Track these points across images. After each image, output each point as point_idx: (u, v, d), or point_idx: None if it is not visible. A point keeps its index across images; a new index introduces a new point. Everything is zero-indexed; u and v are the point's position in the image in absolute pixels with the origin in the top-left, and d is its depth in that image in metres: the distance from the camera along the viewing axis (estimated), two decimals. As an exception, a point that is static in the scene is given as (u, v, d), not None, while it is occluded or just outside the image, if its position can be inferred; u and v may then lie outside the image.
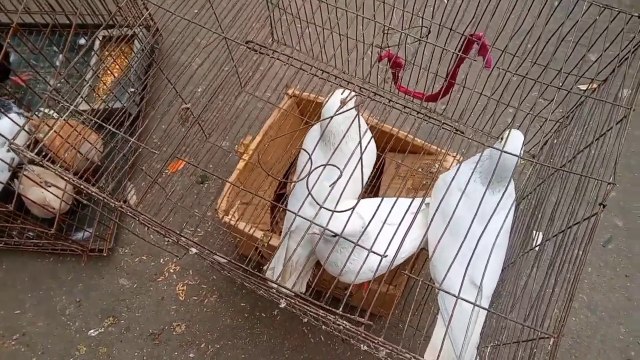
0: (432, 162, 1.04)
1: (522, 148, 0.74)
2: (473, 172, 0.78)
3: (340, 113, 0.79)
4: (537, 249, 0.75)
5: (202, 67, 1.41)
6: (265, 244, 0.95)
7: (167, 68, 1.45)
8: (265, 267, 0.92)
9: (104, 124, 0.85)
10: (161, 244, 1.13)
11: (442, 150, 1.03)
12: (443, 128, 0.87)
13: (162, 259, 1.22)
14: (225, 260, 0.61)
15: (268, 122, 1.09)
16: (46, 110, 1.34)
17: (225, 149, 1.23)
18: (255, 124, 1.19)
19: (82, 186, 0.80)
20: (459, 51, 0.86)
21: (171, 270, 1.21)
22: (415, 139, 1.05)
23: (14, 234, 1.23)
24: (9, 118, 1.16)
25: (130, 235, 1.25)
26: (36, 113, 1.31)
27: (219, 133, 1.15)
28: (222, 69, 1.17)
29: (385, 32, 0.92)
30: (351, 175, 0.75)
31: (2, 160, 1.10)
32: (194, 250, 0.64)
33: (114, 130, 0.81)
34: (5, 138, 1.07)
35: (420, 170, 1.03)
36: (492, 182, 0.76)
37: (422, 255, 0.94)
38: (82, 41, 1.50)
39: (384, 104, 0.95)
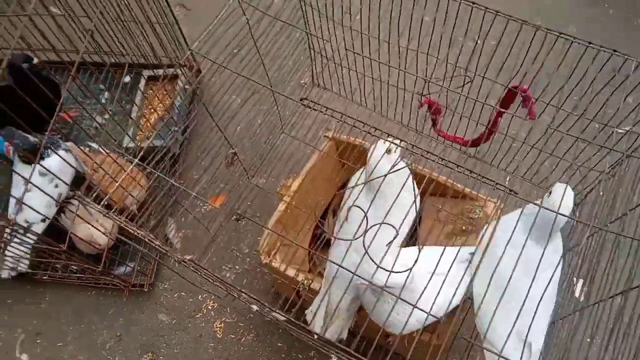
0: (472, 208, 1.04)
1: (572, 206, 0.74)
2: (519, 223, 0.79)
3: (391, 172, 0.81)
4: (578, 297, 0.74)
5: (244, 107, 1.46)
6: (307, 288, 0.96)
7: (209, 107, 1.49)
8: (306, 312, 0.93)
9: (145, 166, 0.88)
10: (200, 283, 1.15)
11: (483, 197, 1.03)
12: (482, 182, 0.88)
13: (200, 296, 1.24)
14: (284, 318, 0.62)
15: (308, 164, 1.11)
16: (94, 146, 1.39)
17: (266, 189, 1.25)
18: (295, 165, 1.21)
19: (128, 227, 0.84)
20: (500, 103, 0.87)
21: (209, 307, 1.23)
22: (455, 183, 1.06)
23: (59, 267, 1.27)
24: (59, 155, 1.22)
25: (170, 270, 1.27)
26: (84, 149, 1.36)
27: (260, 173, 1.18)
28: (261, 107, 1.21)
29: (427, 81, 0.94)
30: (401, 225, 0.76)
31: (50, 196, 1.15)
32: (254, 307, 0.66)
33: (152, 170, 0.84)
34: (57, 176, 1.11)
35: (460, 215, 1.04)
36: (540, 237, 0.76)
37: (465, 304, 0.93)
38: (127, 79, 1.55)
39: (426, 158, 0.97)
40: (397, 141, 0.86)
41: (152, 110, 1.43)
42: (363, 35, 0.98)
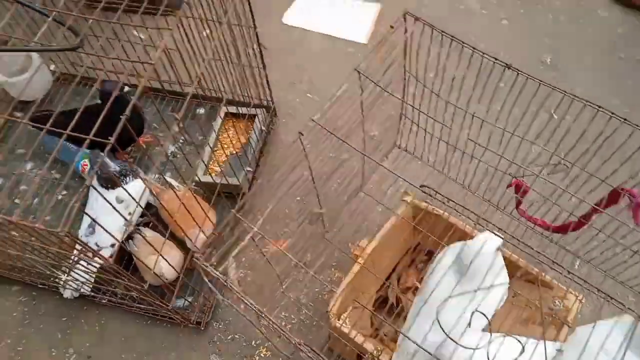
0: (550, 297, 1.01)
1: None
2: (615, 330, 0.76)
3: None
4: None
5: (318, 157, 1.46)
6: (376, 359, 0.94)
7: (281, 148, 1.51)
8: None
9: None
10: (257, 331, 1.14)
11: (563, 287, 1.01)
12: (570, 279, 0.85)
13: (254, 341, 1.23)
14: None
15: (385, 228, 1.11)
16: (166, 176, 1.41)
17: (335, 244, 1.25)
18: (370, 224, 1.21)
19: (201, 263, 0.84)
20: (601, 204, 0.85)
21: (262, 355, 1.22)
22: (534, 269, 1.04)
23: (118, 292, 1.28)
24: (136, 184, 1.24)
25: (226, 310, 1.27)
26: (157, 180, 1.39)
27: (333, 230, 1.18)
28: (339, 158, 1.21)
29: (523, 168, 0.93)
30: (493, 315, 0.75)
31: (124, 222, 1.17)
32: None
33: (232, 209, 0.84)
34: (134, 203, 1.13)
35: (537, 303, 1.01)
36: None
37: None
38: (201, 110, 1.59)
39: (508, 241, 0.96)
40: (499, 233, 0.85)
41: (226, 146, 1.45)
42: (458, 110, 0.98)
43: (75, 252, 1.18)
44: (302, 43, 1.75)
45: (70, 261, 1.17)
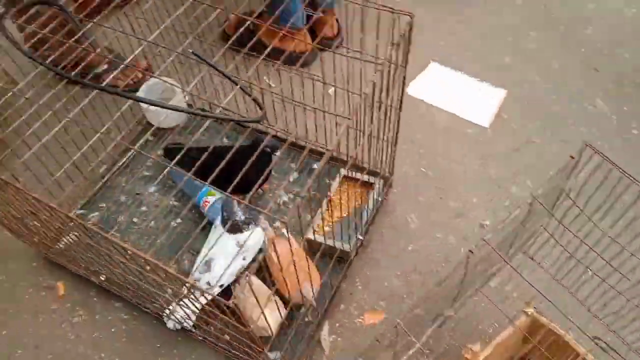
0: None
1: None
2: None
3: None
4: None
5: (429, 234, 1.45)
6: None
7: (388, 217, 1.52)
8: None
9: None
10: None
11: None
12: None
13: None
14: None
15: (501, 336, 1.07)
16: (277, 225, 1.45)
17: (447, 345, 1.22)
18: (478, 325, 1.17)
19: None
20: None
21: None
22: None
23: (212, 332, 1.31)
24: (257, 232, 1.28)
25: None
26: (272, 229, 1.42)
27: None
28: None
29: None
30: None
31: (241, 268, 1.20)
32: None
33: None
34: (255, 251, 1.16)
35: None
36: None
37: None
38: (315, 165, 1.62)
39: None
40: None
41: (338, 207, 1.48)
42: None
43: (185, 287, 1.24)
44: (423, 115, 1.77)
45: (179, 294, 1.23)
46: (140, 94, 1.63)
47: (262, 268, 1.31)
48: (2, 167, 1.14)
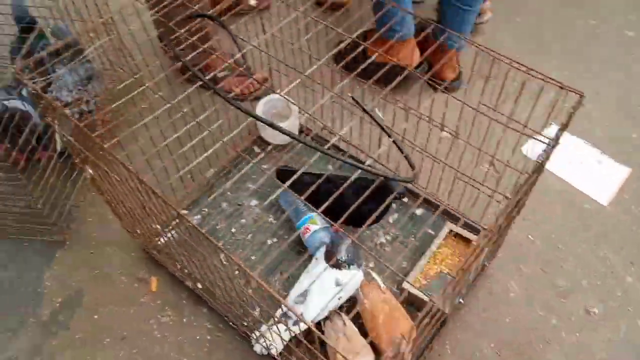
0: None
1: None
2: None
3: None
4: None
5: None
6: None
7: (488, 283, 1.45)
8: None
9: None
10: None
11: None
12: None
13: None
14: None
15: None
16: (374, 276, 1.40)
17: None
18: None
19: None
20: None
21: None
22: None
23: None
24: (358, 275, 1.25)
25: None
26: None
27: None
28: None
29: None
30: None
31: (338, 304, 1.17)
32: None
33: None
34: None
35: None
36: None
37: None
38: (418, 211, 1.58)
39: None
40: None
41: (438, 262, 1.43)
42: None
43: (278, 312, 1.23)
44: (539, 179, 1.69)
45: (269, 314, 1.21)
46: (258, 107, 1.65)
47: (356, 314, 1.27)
48: (127, 158, 1.16)
